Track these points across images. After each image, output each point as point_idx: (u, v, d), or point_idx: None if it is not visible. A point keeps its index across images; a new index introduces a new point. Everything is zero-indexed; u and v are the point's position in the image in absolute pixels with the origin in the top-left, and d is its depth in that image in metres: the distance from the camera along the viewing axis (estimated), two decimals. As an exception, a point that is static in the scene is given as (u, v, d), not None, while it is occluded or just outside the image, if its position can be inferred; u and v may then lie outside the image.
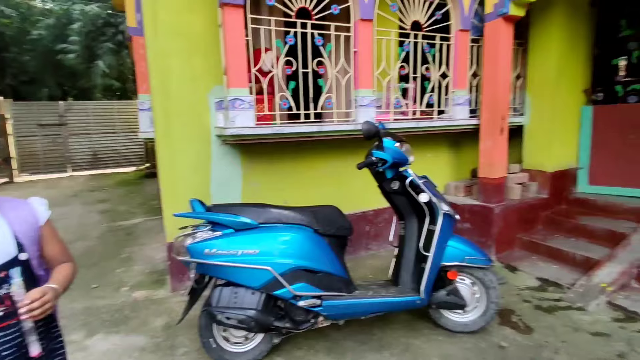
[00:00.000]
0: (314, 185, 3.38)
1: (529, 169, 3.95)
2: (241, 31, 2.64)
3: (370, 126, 2.11)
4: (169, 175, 2.82)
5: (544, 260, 3.32)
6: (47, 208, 1.15)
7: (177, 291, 2.90)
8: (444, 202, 2.20)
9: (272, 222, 2.04)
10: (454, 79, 3.65)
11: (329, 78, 3.10)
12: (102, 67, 12.20)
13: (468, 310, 2.30)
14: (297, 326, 2.00)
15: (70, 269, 1.15)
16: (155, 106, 2.78)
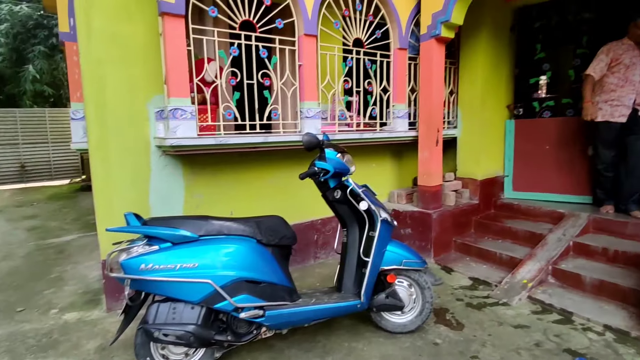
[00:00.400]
0: (261, 196, 3.39)
1: (462, 177, 4.28)
2: (182, 41, 2.62)
3: (311, 137, 2.19)
4: (103, 188, 2.68)
5: (475, 261, 3.60)
6: None
7: (113, 311, 2.73)
8: (382, 210, 2.33)
9: (213, 234, 2.02)
10: (394, 94, 3.88)
11: (274, 90, 3.15)
12: (33, 72, 11.24)
13: (406, 311, 2.43)
14: (239, 339, 1.99)
15: None
16: (89, 116, 2.65)
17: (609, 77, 3.33)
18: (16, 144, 9.53)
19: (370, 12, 3.61)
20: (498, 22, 4.10)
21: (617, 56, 3.28)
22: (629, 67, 3.27)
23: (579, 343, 2.31)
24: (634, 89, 3.28)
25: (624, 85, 3.28)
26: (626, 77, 3.28)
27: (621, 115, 3.31)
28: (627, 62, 3.26)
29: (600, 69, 3.33)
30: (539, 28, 4.10)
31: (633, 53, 3.27)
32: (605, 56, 3.31)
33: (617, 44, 3.32)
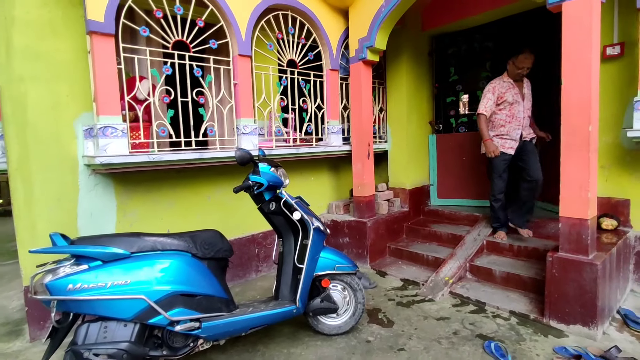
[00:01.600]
0: (198, 212, 3.41)
1: (394, 187, 4.64)
2: (112, 59, 2.61)
3: (243, 153, 2.30)
4: (25, 210, 2.54)
5: (407, 264, 3.91)
6: None
7: (37, 340, 2.56)
8: (315, 219, 2.50)
9: (146, 250, 2.04)
10: (327, 111, 4.14)
11: (210, 107, 3.23)
12: None
13: (340, 313, 2.60)
14: (176, 352, 2.01)
15: None
16: (8, 135, 2.52)
17: (497, 113, 3.49)
18: None
19: (303, 35, 3.86)
20: (418, 47, 4.58)
21: (501, 94, 3.44)
22: (513, 104, 3.42)
23: (489, 329, 2.65)
24: (520, 123, 3.44)
25: (511, 121, 3.43)
26: (512, 113, 3.43)
27: (510, 147, 3.45)
28: (510, 100, 3.41)
29: (489, 107, 3.47)
30: (452, 54, 4.66)
31: (514, 90, 3.42)
32: (492, 95, 3.45)
33: (499, 82, 3.48)
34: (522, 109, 3.44)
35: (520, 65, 3.34)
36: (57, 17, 2.65)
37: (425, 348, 2.42)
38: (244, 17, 3.30)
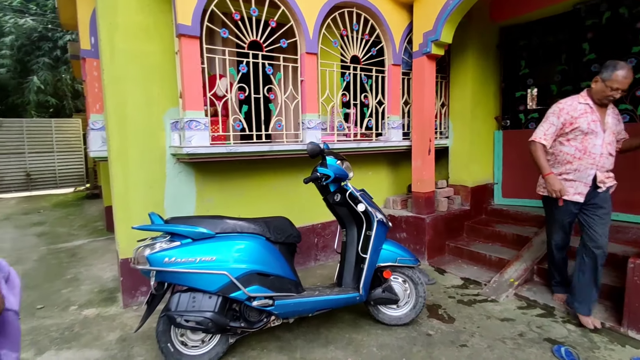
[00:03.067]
0: (265, 200, 3.63)
1: (454, 184, 4.54)
2: (197, 59, 2.88)
3: (314, 146, 2.44)
4: (123, 192, 2.91)
5: (467, 263, 3.83)
6: None
7: (129, 307, 2.94)
8: (378, 211, 2.57)
9: (227, 231, 2.25)
10: (388, 106, 4.16)
11: (278, 103, 3.42)
12: (37, 83, 11.50)
13: (401, 305, 2.65)
14: (252, 326, 2.20)
15: None
16: (111, 127, 2.89)
17: (564, 144, 2.63)
18: (22, 153, 9.74)
19: (367, 31, 3.91)
20: (485, 40, 4.42)
21: (572, 119, 2.56)
22: (588, 135, 2.52)
23: (559, 333, 2.54)
24: (594, 162, 2.53)
25: (582, 157, 2.55)
26: (584, 147, 2.54)
27: (578, 193, 2.60)
28: (584, 128, 2.51)
29: (551, 134, 2.65)
30: (523, 46, 4.43)
31: (593, 117, 2.52)
32: (556, 119, 2.60)
33: (573, 102, 2.59)
34: (600, 143, 2.52)
35: (614, 85, 2.39)
36: (150, 23, 2.97)
37: (489, 346, 2.39)
38: (312, 15, 3.44)
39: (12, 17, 12.51)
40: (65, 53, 11.94)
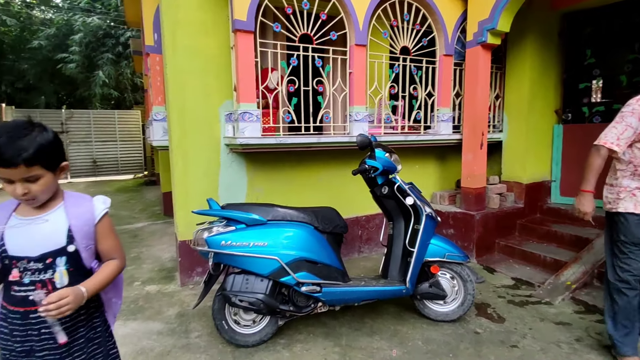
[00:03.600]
0: (311, 191, 3.70)
1: (507, 181, 4.34)
2: (251, 53, 2.99)
3: (364, 138, 2.45)
4: (182, 179, 3.12)
5: (519, 263, 3.67)
6: (107, 207, 1.23)
7: (185, 285, 3.16)
8: (427, 205, 2.54)
9: (278, 219, 2.35)
10: (438, 98, 4.05)
11: (327, 95, 3.46)
12: (102, 77, 12.48)
13: (448, 301, 2.61)
14: (300, 310, 2.29)
15: (114, 266, 1.22)
16: (172, 118, 3.09)
17: None
18: (89, 142, 10.67)
19: (418, 21, 3.82)
20: (545, 27, 4.14)
21: None
22: None
23: (622, 342, 2.37)
24: None
25: None
26: None
27: None
28: None
29: (625, 139, 2.05)
30: (589, 33, 4.09)
31: None
32: (636, 120, 2.02)
33: None
34: None
35: None
36: (209, 19, 3.12)
37: (542, 349, 2.30)
38: (362, 7, 3.42)
39: (81, 16, 13.63)
40: (125, 49, 12.83)
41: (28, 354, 1.09)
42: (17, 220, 1.10)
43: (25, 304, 1.08)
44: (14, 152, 0.99)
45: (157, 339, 2.38)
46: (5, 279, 1.09)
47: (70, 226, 1.13)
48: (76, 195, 1.22)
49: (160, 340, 2.36)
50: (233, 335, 2.26)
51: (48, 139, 1.07)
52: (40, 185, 1.07)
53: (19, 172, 1.02)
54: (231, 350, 2.26)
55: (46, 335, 1.09)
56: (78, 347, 1.16)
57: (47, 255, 1.09)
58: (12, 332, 1.09)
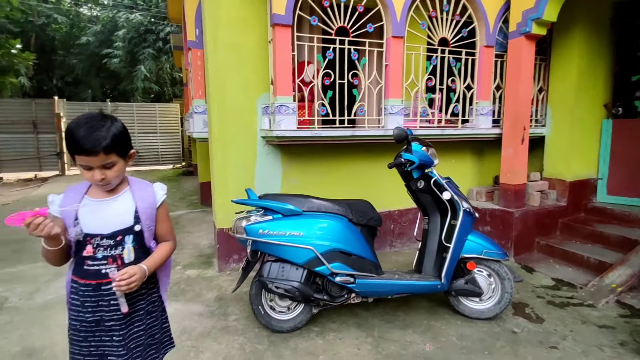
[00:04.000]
0: (344, 184, 3.72)
1: (549, 178, 4.15)
2: (288, 47, 3.04)
3: (400, 131, 2.44)
4: (221, 170, 3.24)
5: (560, 263, 3.52)
6: (165, 193, 1.35)
7: (223, 271, 3.30)
8: (464, 201, 2.50)
9: (313, 210, 2.40)
10: (478, 91, 3.93)
11: (362, 88, 3.45)
12: (144, 71, 13.06)
13: (484, 299, 2.56)
14: (333, 300, 2.34)
15: (168, 247, 1.35)
16: (212, 111, 3.21)
17: None
18: (133, 133, 11.24)
19: (457, 11, 3.71)
20: (595, 16, 3.89)
21: None
22: None
23: (673, 349, 2.24)
24: None
25: None
26: None
27: None
28: None
29: None
30: (647, 21, 3.80)
31: None
32: None
33: None
34: None
35: None
36: (248, 15, 3.19)
37: (583, 352, 2.22)
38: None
39: (124, 13, 14.29)
40: (165, 44, 13.34)
41: (97, 324, 1.21)
42: (89, 201, 1.22)
43: (98, 277, 1.20)
44: (95, 142, 1.10)
45: (197, 320, 2.51)
46: (79, 255, 1.21)
47: (137, 208, 1.25)
48: (139, 181, 1.33)
49: (200, 321, 2.50)
50: (269, 320, 2.35)
51: (120, 129, 1.18)
52: (114, 171, 1.18)
53: (98, 159, 1.13)
54: (267, 334, 2.35)
55: (115, 306, 1.21)
56: (138, 317, 1.28)
57: (117, 233, 1.21)
58: (84, 303, 1.21)
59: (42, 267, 3.50)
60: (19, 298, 2.87)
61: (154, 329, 1.34)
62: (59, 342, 2.26)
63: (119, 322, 1.22)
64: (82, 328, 1.21)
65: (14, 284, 3.14)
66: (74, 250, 1.22)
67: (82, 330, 1.21)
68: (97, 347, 1.22)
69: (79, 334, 1.22)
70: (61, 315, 2.59)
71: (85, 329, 1.21)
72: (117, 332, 1.22)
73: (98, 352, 1.22)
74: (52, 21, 14.79)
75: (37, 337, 2.32)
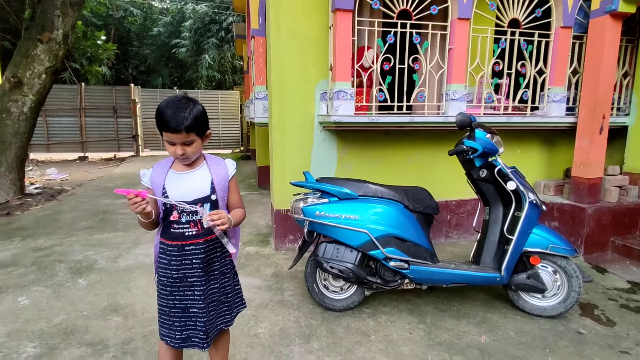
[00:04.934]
0: (399, 171, 3.68)
1: (631, 172, 3.75)
2: (349, 32, 3.04)
3: (464, 117, 2.36)
4: (279, 153, 3.37)
5: (637, 265, 3.20)
6: (235, 168, 1.49)
7: (279, 250, 3.47)
8: (531, 192, 2.37)
9: (369, 195, 2.43)
10: (551, 76, 3.63)
11: (423, 73, 3.36)
12: (208, 60, 13.78)
13: (547, 296, 2.43)
14: (386, 284, 2.37)
15: (241, 212, 1.50)
16: (272, 96, 3.34)
17: None
18: (197, 119, 12.06)
19: (532, -10, 3.43)
20: None
21: None
22: None
23: None
24: None
25: None
26: None
27: None
28: None
29: None
30: None
31: None
32: None
33: None
34: None
35: None
36: (309, 2, 3.22)
37: (662, 361, 2.03)
38: (469, -23, 3.19)
39: (191, 4, 15.09)
40: (227, 34, 13.91)
41: (181, 280, 1.40)
42: (173, 173, 1.41)
43: (182, 239, 1.38)
44: (179, 121, 1.25)
45: (256, 292, 2.69)
46: (167, 219, 1.39)
47: (213, 179, 1.41)
48: (214, 157, 1.50)
49: (259, 293, 2.67)
50: (322, 298, 2.45)
51: (200, 111, 1.32)
52: (193, 148, 1.34)
53: (180, 136, 1.28)
54: (320, 311, 2.45)
55: (196, 264, 1.39)
56: (214, 277, 1.46)
57: (197, 200, 1.37)
58: (170, 262, 1.39)
59: (122, 236, 3.95)
60: (106, 261, 3.28)
61: (227, 289, 1.52)
62: (138, 302, 2.56)
63: (199, 279, 1.40)
64: (168, 283, 1.40)
65: (102, 248, 3.59)
66: (162, 216, 1.40)
67: (169, 285, 1.40)
68: (181, 300, 1.40)
69: (166, 289, 1.41)
70: (140, 278, 2.92)
71: (171, 284, 1.40)
72: (198, 288, 1.39)
73: (181, 305, 1.41)
74: (128, 14, 16.10)
75: (121, 296, 2.65)
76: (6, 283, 2.84)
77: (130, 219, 4.65)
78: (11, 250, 3.53)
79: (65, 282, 2.85)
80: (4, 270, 3.07)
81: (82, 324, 2.29)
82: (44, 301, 2.57)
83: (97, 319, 2.35)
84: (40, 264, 3.20)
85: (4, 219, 4.62)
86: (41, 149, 11.32)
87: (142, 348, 2.05)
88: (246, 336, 2.17)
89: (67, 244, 3.70)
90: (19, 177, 5.55)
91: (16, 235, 3.99)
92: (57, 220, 4.56)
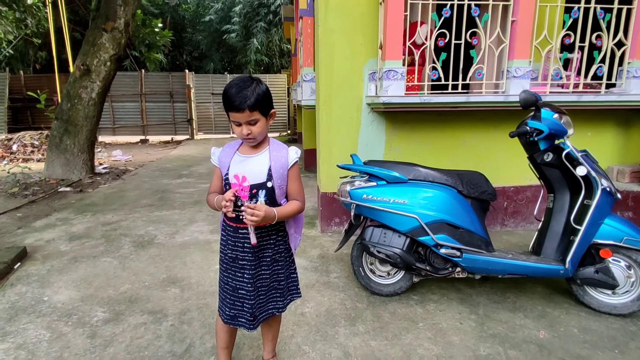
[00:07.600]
0: (452, 155, 3.49)
1: None
2: (401, 6, 2.88)
3: (529, 95, 2.16)
4: (326, 135, 3.34)
5: None
6: (297, 157, 1.45)
7: (325, 232, 3.49)
8: (604, 178, 2.13)
9: (419, 179, 2.33)
10: (632, 48, 3.19)
11: (481, 49, 3.11)
12: (256, 44, 13.97)
13: (619, 292, 2.20)
14: (436, 271, 2.28)
15: (296, 204, 1.45)
16: (320, 77, 3.29)
17: None
18: (246, 103, 12.41)
19: (617, -53, 3.00)
20: None
21: None
22: None
23: None
24: None
25: None
26: None
27: None
28: None
29: None
30: None
31: None
32: None
33: None
34: None
35: None
36: (359, -25, 3.10)
37: None
38: (539, -62, 2.85)
39: (240, -11, 15.26)
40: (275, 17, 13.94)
41: (233, 260, 1.45)
42: (238, 156, 1.43)
43: (237, 221, 1.40)
44: (242, 99, 1.26)
45: (303, 272, 2.73)
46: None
47: (271, 167, 1.39)
48: (278, 143, 1.48)
49: (306, 274, 2.71)
50: (368, 282, 2.42)
51: (263, 90, 1.32)
52: (258, 127, 1.34)
53: (244, 115, 1.29)
54: (366, 295, 2.43)
55: (247, 248, 1.42)
56: (265, 263, 1.48)
57: (253, 186, 1.38)
58: (227, 241, 1.46)
59: (179, 214, 4.20)
60: (165, 236, 3.51)
61: (279, 276, 1.52)
62: (193, 276, 2.72)
63: (249, 262, 1.43)
64: (225, 260, 1.47)
65: (161, 224, 3.85)
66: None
67: (225, 262, 1.47)
68: (233, 279, 1.45)
69: (223, 265, 1.49)
70: (195, 254, 3.09)
71: (226, 262, 1.46)
72: (247, 271, 1.43)
73: (232, 284, 1.46)
74: (182, 2, 16.70)
75: (178, 270, 2.83)
76: (80, 253, 3.14)
77: (185, 197, 4.93)
78: (84, 224, 3.90)
79: (130, 255, 3.10)
80: (78, 242, 3.40)
81: (144, 294, 2.48)
82: (111, 271, 2.82)
83: (157, 290, 2.53)
84: (108, 237, 3.50)
85: (77, 195, 5.12)
86: (108, 132, 12.34)
87: (197, 319, 2.18)
88: (293, 314, 2.22)
89: (131, 220, 4.02)
90: (89, 157, 6.10)
91: (88, 210, 4.40)
92: (122, 198, 4.96)
